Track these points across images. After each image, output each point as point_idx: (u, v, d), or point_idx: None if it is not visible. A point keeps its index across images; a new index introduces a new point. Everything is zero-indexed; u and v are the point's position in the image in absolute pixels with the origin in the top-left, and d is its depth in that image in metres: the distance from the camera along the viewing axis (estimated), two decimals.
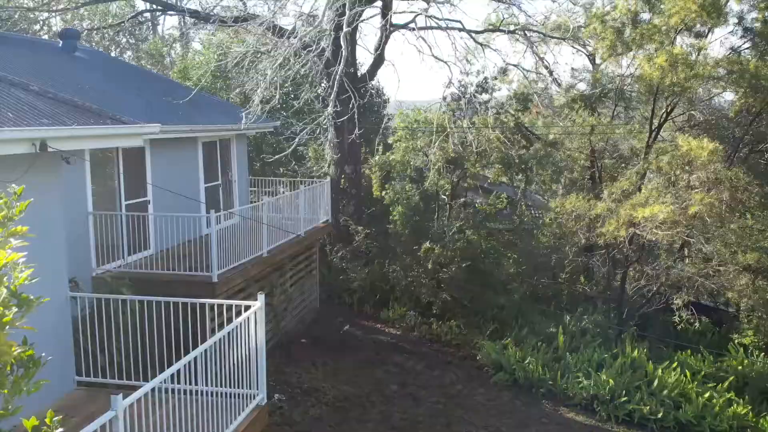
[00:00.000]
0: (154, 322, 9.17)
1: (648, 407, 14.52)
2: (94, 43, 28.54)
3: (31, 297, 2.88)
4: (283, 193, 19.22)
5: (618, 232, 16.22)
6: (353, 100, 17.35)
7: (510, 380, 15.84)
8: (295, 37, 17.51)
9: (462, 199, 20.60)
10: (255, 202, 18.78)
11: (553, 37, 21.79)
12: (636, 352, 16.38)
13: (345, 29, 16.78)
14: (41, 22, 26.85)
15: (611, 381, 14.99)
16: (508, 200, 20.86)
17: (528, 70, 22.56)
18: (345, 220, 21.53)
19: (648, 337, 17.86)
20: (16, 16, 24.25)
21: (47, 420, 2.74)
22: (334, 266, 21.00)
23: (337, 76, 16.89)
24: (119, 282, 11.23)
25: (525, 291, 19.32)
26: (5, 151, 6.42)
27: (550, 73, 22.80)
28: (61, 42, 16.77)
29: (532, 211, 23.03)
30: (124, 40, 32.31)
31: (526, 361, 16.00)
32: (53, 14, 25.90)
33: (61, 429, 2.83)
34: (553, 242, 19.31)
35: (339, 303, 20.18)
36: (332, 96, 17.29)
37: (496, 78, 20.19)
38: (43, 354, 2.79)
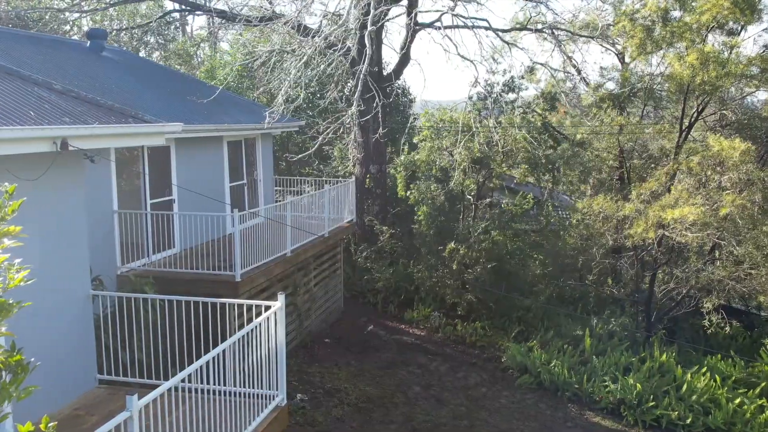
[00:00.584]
0: (175, 321, 9.17)
1: (676, 413, 14.24)
2: (122, 44, 28.81)
3: (11, 301, 2.79)
4: (308, 192, 19.19)
5: (646, 233, 15.93)
6: (377, 99, 17.27)
7: (535, 383, 15.64)
8: (319, 36, 17.46)
9: (488, 200, 20.39)
10: (280, 201, 18.78)
11: (581, 36, 21.53)
12: (664, 356, 16.09)
13: (369, 28, 16.70)
14: (71, 23, 27.16)
15: (639, 385, 14.73)
16: (534, 201, 20.61)
17: (556, 69, 22.34)
18: (370, 220, 21.48)
19: (677, 341, 17.52)
20: (47, 17, 24.56)
21: (42, 426, 2.68)
22: (359, 266, 20.97)
23: (361, 75, 16.81)
24: (142, 280, 11.27)
25: (551, 293, 19.07)
26: (26, 149, 6.43)
27: (578, 72, 22.52)
28: (88, 42, 16.93)
29: (560, 212, 22.75)
30: (153, 40, 32.56)
31: (552, 364, 15.78)
32: (83, 15, 26.18)
33: None
34: (580, 243, 19.01)
35: (363, 303, 20.13)
36: (356, 95, 17.22)
37: (522, 77, 19.96)
38: (32, 359, 2.73)
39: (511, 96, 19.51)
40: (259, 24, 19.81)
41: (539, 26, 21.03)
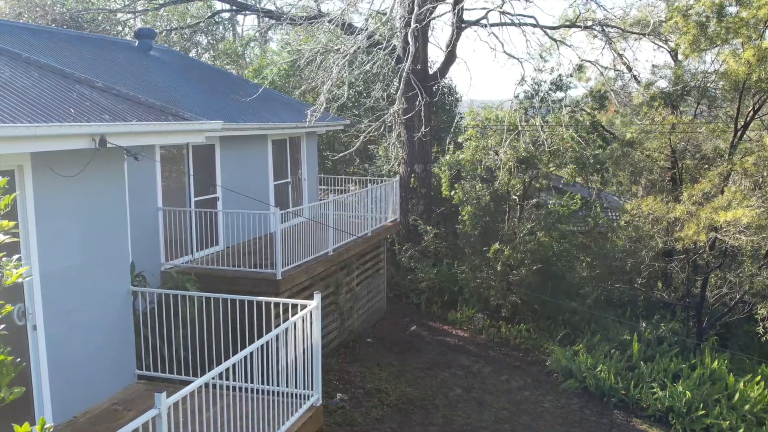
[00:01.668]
0: (212, 318, 9.21)
1: (728, 422, 13.73)
2: (172, 44, 29.26)
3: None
4: (352, 191, 19.15)
5: (698, 236, 15.41)
6: (420, 97, 17.14)
7: (580, 388, 15.29)
8: (360, 34, 17.42)
9: (534, 200, 20.05)
10: (323, 200, 18.82)
11: (632, 33, 21.02)
12: (716, 363, 15.56)
13: (413, 25, 16.57)
14: (123, 23, 27.71)
15: (688, 393, 14.26)
16: (582, 201, 20.17)
17: (606, 67, 21.84)
18: (414, 220, 21.36)
19: (729, 348, 16.93)
20: (100, 18, 25.09)
21: (38, 428, 2.63)
22: (403, 266, 20.86)
23: (404, 74, 16.70)
24: (183, 277, 11.37)
25: (598, 296, 18.63)
26: (65, 146, 6.50)
27: (629, 69, 21.96)
28: (136, 42, 17.21)
29: (609, 213, 22.25)
30: (205, 41, 33.02)
31: (598, 369, 15.41)
32: (136, 15, 26.68)
33: None
34: (629, 246, 18.52)
35: (406, 303, 20.03)
36: (398, 93, 17.11)
37: (571, 75, 19.54)
38: (18, 359, 2.69)
39: (559, 94, 19.12)
40: (302, 23, 19.87)
41: (589, 23, 20.60)
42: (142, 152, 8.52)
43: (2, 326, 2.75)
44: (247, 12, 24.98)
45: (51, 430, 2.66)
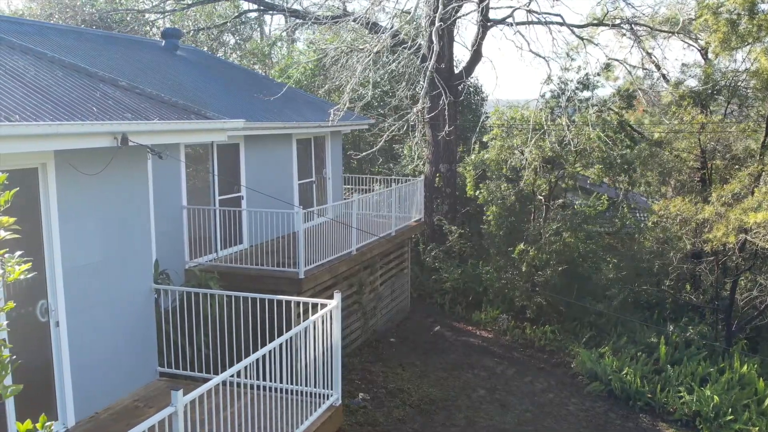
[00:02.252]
0: (233, 317, 9.23)
1: (757, 428, 13.46)
2: (199, 44, 29.49)
3: None
4: (377, 190, 19.12)
5: (726, 237, 15.14)
6: (443, 96, 17.04)
7: (605, 391, 15.10)
8: (385, 33, 17.38)
9: (560, 200, 19.84)
10: (347, 199, 18.81)
11: (661, 31, 20.74)
12: (745, 367, 15.27)
13: (437, 24, 16.49)
14: (151, 24, 27.99)
15: (716, 397, 14.01)
16: (609, 202, 19.92)
17: (634, 66, 21.56)
18: (439, 219, 21.28)
19: (759, 352, 16.61)
20: (128, 18, 25.37)
21: (38, 425, 2.63)
22: (427, 266, 20.79)
23: (428, 72, 16.63)
24: (207, 275, 11.41)
25: (625, 298, 18.39)
26: (87, 144, 6.55)
27: (658, 68, 21.65)
28: (163, 41, 17.35)
29: (637, 214, 21.96)
30: (233, 40, 33.23)
31: (624, 372, 15.20)
32: (164, 15, 26.92)
33: None
34: (657, 247, 18.25)
35: (430, 303, 19.94)
36: (422, 92, 17.04)
37: (598, 74, 19.31)
38: (14, 357, 2.69)
39: (586, 94, 18.90)
40: (326, 23, 19.89)
41: (617, 21, 20.35)
42: (166, 151, 8.56)
43: (5, 322, 2.74)
44: (273, 12, 25.07)
45: (52, 427, 2.65)
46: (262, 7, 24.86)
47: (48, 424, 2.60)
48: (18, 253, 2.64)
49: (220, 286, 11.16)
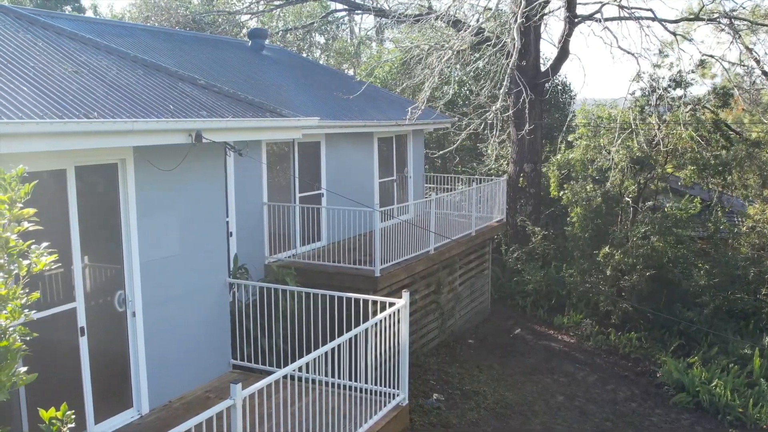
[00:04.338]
0: (309, 313, 9.31)
1: None
2: (287, 44, 30.06)
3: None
4: (459, 189, 18.94)
5: None
6: (524, 94, 16.71)
7: (692, 403, 14.41)
8: (466, 30, 17.19)
9: (649, 203, 19.08)
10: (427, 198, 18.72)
11: (763, 25, 19.64)
12: None
13: (518, 20, 16.17)
14: (241, 25, 28.74)
15: None
16: (703, 205, 18.99)
17: (732, 63, 20.51)
18: (522, 220, 20.89)
19: None
20: (220, 20, 26.15)
21: (59, 414, 2.68)
22: (509, 267, 20.44)
23: (509, 70, 16.33)
24: (284, 271, 11.58)
25: (718, 306, 17.50)
26: (162, 140, 6.74)
27: (758, 63, 20.51)
28: (249, 42, 17.76)
29: (735, 218, 20.88)
30: (322, 40, 33.72)
31: (713, 384, 14.48)
32: (253, 16, 27.60)
33: (72, 424, 2.76)
34: (752, 254, 17.28)
35: (511, 305, 19.59)
36: (502, 90, 16.74)
37: (693, 71, 18.46)
38: (24, 346, 2.75)
39: (678, 92, 18.10)
40: (409, 21, 19.85)
41: (714, 16, 19.40)
42: (246, 148, 8.72)
43: (33, 312, 2.82)
44: (359, 11, 25.25)
45: (73, 416, 2.71)
46: (348, 7, 25.09)
47: (68, 413, 2.66)
48: (44, 244, 2.72)
49: (297, 281, 11.30)
